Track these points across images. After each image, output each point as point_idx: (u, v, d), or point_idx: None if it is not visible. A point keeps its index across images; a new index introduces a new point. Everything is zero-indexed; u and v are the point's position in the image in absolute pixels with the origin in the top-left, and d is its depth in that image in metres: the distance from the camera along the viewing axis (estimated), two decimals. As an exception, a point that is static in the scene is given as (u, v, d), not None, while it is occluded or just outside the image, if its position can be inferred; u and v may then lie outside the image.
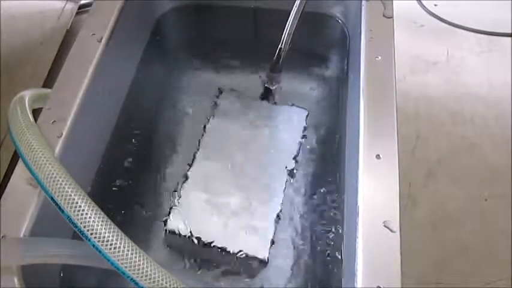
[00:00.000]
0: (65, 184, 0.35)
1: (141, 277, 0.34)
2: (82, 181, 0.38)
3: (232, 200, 0.51)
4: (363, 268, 0.35)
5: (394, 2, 0.51)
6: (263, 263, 0.47)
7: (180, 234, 0.48)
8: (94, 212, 0.35)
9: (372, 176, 0.39)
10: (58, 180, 0.36)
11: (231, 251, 0.47)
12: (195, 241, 0.48)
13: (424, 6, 0.83)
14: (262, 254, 0.47)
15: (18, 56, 0.65)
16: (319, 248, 0.49)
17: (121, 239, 0.34)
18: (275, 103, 0.59)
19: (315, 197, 0.52)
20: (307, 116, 0.58)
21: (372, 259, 0.35)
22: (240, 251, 0.47)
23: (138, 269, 0.34)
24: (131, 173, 0.54)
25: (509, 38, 0.79)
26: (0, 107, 0.57)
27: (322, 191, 0.52)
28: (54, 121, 0.43)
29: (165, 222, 0.50)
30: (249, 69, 0.63)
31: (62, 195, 0.35)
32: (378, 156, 0.40)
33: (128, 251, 0.34)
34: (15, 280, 0.36)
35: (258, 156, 0.54)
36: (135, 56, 0.60)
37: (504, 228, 0.60)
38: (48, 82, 0.64)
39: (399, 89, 0.45)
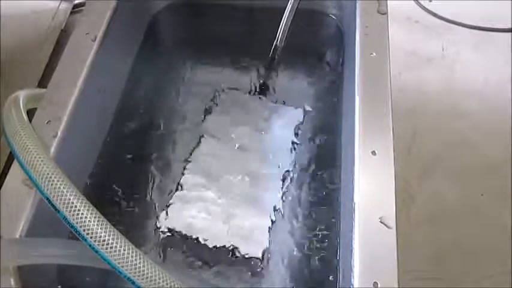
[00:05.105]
0: (61, 184, 0.35)
1: (138, 276, 0.34)
2: (77, 181, 0.38)
3: (229, 198, 0.51)
4: (359, 264, 0.35)
5: (388, -2, 0.51)
6: (259, 261, 0.47)
7: (175, 233, 0.48)
8: (90, 212, 0.35)
9: (368, 172, 0.40)
10: (53, 181, 0.36)
11: (227, 250, 0.47)
12: (191, 240, 0.48)
13: (419, 2, 0.83)
14: (258, 253, 0.47)
15: (12, 56, 0.65)
16: (316, 245, 0.49)
17: (117, 238, 0.34)
18: (271, 101, 0.59)
19: (312, 194, 0.52)
20: (303, 113, 0.58)
21: (369, 255, 0.35)
22: (236, 249, 0.47)
23: (135, 268, 0.34)
24: (127, 172, 0.54)
25: (504, 34, 0.79)
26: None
27: (319, 188, 0.52)
28: (49, 121, 0.43)
29: (162, 221, 0.49)
30: (245, 67, 0.63)
31: (58, 196, 0.35)
32: (373, 153, 0.40)
33: (125, 250, 0.34)
34: (12, 281, 0.36)
35: (254, 155, 0.54)
36: (130, 54, 0.60)
37: (501, 223, 0.60)
38: (43, 82, 0.63)
39: (395, 85, 0.45)
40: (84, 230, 0.34)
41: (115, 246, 0.34)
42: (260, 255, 0.47)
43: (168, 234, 0.49)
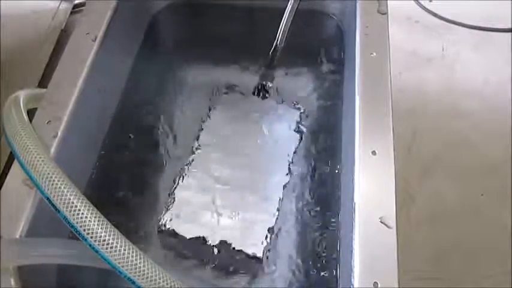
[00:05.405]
0: (61, 184, 0.35)
1: (139, 276, 0.34)
2: (78, 181, 0.38)
3: (229, 198, 0.51)
4: (360, 264, 0.35)
5: (388, -2, 0.51)
6: (260, 260, 0.47)
7: (176, 233, 0.48)
8: (90, 211, 0.35)
9: (368, 172, 0.40)
10: (54, 181, 0.36)
11: (228, 249, 0.47)
12: (192, 239, 0.48)
13: (419, 2, 0.83)
14: (259, 252, 0.47)
15: (12, 56, 0.65)
16: (317, 245, 0.49)
17: (118, 238, 0.34)
18: (271, 100, 0.59)
19: (313, 193, 0.52)
20: (302, 113, 0.58)
21: (369, 255, 0.35)
22: (237, 248, 0.47)
23: (135, 268, 0.34)
24: (127, 172, 0.54)
25: (504, 34, 0.79)
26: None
27: (319, 187, 0.52)
28: (49, 121, 0.43)
29: (162, 221, 0.50)
30: (245, 67, 0.63)
31: (58, 196, 0.35)
32: (373, 153, 0.40)
33: (125, 250, 0.34)
34: (12, 281, 0.36)
35: (255, 154, 0.54)
36: (130, 54, 0.60)
37: (501, 223, 0.60)
38: (43, 82, 0.63)
39: (395, 85, 0.45)
40: (84, 230, 0.34)
41: (115, 246, 0.34)
42: (261, 255, 0.47)
43: (169, 233, 0.49)
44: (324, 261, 0.47)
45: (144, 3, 0.62)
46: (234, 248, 0.47)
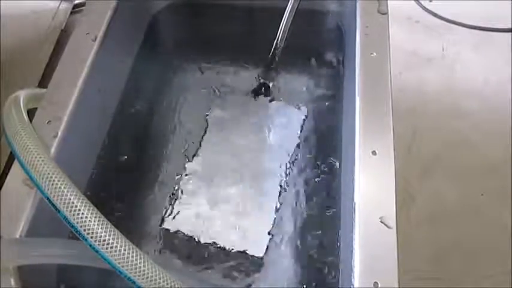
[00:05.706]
0: (61, 184, 0.35)
1: (139, 276, 0.34)
2: (78, 181, 0.38)
3: (230, 198, 0.51)
4: (360, 264, 0.35)
5: (388, -2, 0.51)
6: (260, 261, 0.47)
7: (177, 233, 0.48)
8: (90, 211, 0.35)
9: (368, 172, 0.40)
10: (54, 181, 0.36)
11: (228, 249, 0.47)
12: (192, 240, 0.48)
13: (419, 2, 0.83)
14: (259, 253, 0.47)
15: (12, 56, 0.65)
16: (317, 245, 0.49)
17: (118, 238, 0.34)
18: (271, 100, 0.59)
19: (313, 194, 0.52)
20: (304, 113, 0.58)
21: (369, 255, 0.35)
22: (237, 249, 0.47)
23: (136, 268, 0.34)
24: (127, 172, 0.54)
25: (504, 34, 0.79)
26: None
27: (319, 188, 0.52)
28: (50, 121, 0.43)
29: (163, 221, 0.50)
30: (245, 67, 0.63)
31: (58, 196, 0.35)
32: (374, 153, 0.40)
33: (125, 250, 0.34)
34: (12, 281, 0.36)
35: (256, 154, 0.54)
36: (130, 54, 0.60)
37: (501, 223, 0.60)
38: (43, 82, 0.63)
39: (395, 85, 0.45)
40: (84, 230, 0.34)
41: (115, 246, 0.34)
42: (261, 255, 0.47)
43: (169, 234, 0.49)
44: (324, 262, 0.47)
45: (144, 3, 0.62)
46: (234, 248, 0.47)
